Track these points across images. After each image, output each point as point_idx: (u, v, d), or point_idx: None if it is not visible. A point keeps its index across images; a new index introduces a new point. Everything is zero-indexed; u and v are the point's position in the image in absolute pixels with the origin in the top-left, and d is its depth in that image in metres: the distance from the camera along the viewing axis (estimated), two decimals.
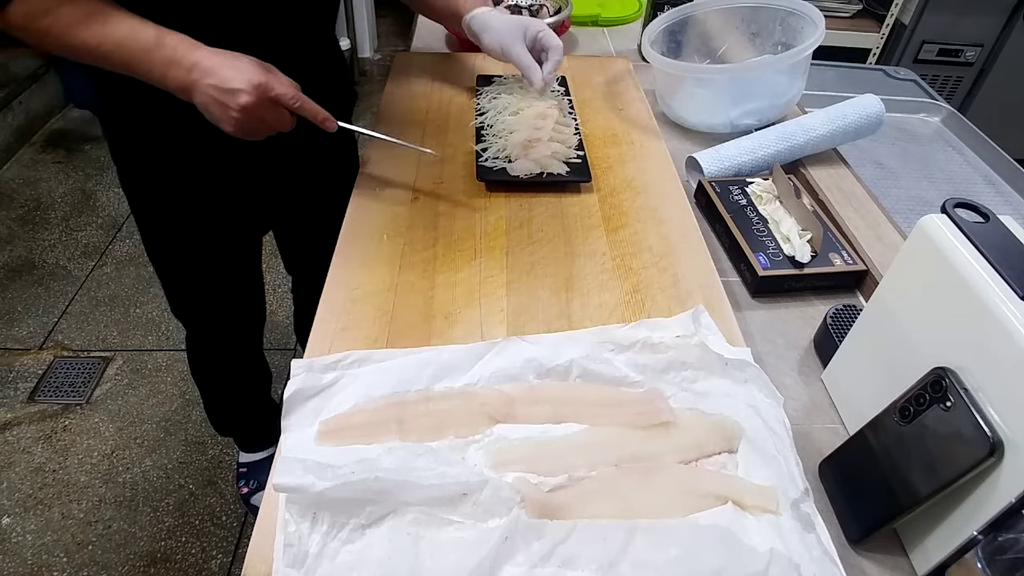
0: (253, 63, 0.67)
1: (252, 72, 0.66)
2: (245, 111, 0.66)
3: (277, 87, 0.68)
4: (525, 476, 0.52)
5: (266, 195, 0.96)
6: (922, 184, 1.10)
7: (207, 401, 1.30)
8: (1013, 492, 0.42)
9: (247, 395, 1.30)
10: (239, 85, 0.65)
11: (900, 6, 2.02)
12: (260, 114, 0.68)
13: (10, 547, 1.33)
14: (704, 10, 1.06)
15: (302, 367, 0.58)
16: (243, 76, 0.65)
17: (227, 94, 0.65)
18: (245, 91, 0.65)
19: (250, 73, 0.66)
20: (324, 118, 0.73)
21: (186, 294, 1.03)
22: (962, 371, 0.46)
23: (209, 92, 0.65)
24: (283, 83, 0.69)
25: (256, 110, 0.67)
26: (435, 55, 1.13)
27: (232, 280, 1.03)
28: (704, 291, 0.70)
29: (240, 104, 0.66)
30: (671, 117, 1.04)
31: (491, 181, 0.83)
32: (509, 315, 0.66)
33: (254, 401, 1.32)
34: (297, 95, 0.70)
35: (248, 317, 1.13)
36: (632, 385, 0.59)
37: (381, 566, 0.46)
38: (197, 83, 0.65)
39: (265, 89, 0.67)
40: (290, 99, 0.69)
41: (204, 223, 0.91)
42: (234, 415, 1.34)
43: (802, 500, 0.50)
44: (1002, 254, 0.46)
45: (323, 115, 0.73)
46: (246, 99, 0.65)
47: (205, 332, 1.12)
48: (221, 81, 0.65)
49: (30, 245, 2.04)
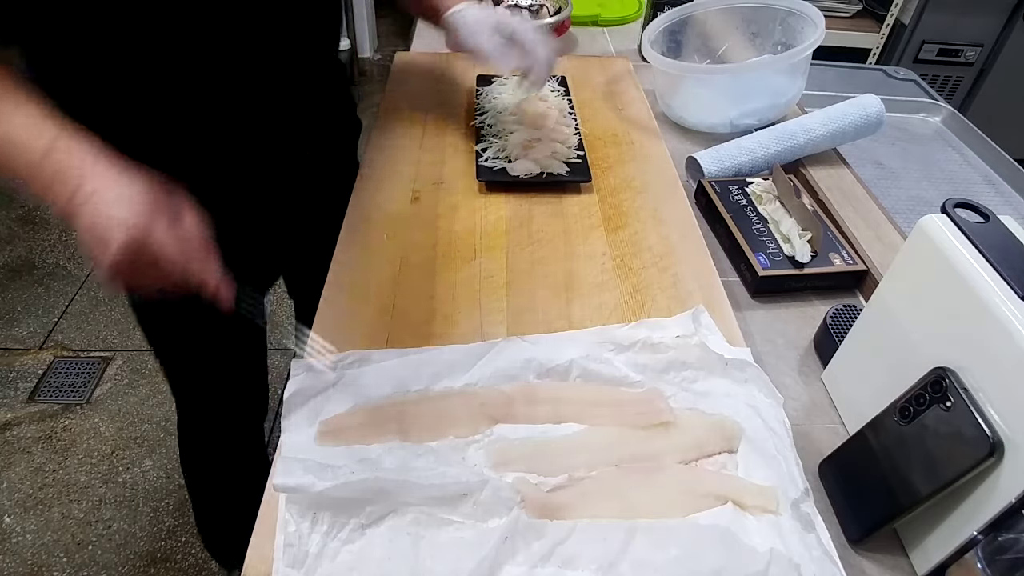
0: (144, 201, 0.51)
1: (134, 213, 0.51)
2: (113, 268, 0.51)
3: (159, 244, 0.51)
4: (525, 476, 0.52)
5: (271, 249, 0.85)
6: (922, 184, 1.10)
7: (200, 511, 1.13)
8: (1013, 492, 0.42)
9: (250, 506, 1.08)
10: (113, 233, 0.50)
11: (900, 6, 2.02)
12: (133, 272, 0.52)
13: (10, 547, 1.33)
14: (704, 10, 1.06)
15: (302, 367, 0.58)
16: (121, 218, 0.50)
17: (99, 242, 0.51)
18: (115, 245, 0.50)
19: (133, 216, 0.50)
20: (216, 294, 0.55)
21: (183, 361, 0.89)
22: (962, 371, 0.46)
23: (83, 229, 0.51)
24: (174, 236, 0.52)
25: (125, 267, 0.51)
26: (435, 55, 1.12)
27: (235, 341, 0.88)
28: (704, 291, 0.70)
29: (107, 260, 0.51)
30: (671, 117, 1.04)
31: (491, 181, 0.83)
32: (509, 315, 0.66)
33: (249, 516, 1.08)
34: (185, 256, 0.53)
35: (251, 392, 0.99)
36: (632, 385, 0.59)
37: (381, 566, 0.46)
38: (73, 215, 0.51)
39: (142, 246, 0.51)
40: (174, 261, 0.52)
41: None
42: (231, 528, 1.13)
43: (802, 500, 0.50)
44: (1002, 254, 0.46)
45: (215, 288, 0.55)
46: (114, 256, 0.50)
47: (202, 410, 0.97)
48: (95, 218, 0.50)
49: (30, 245, 2.04)
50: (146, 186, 0.53)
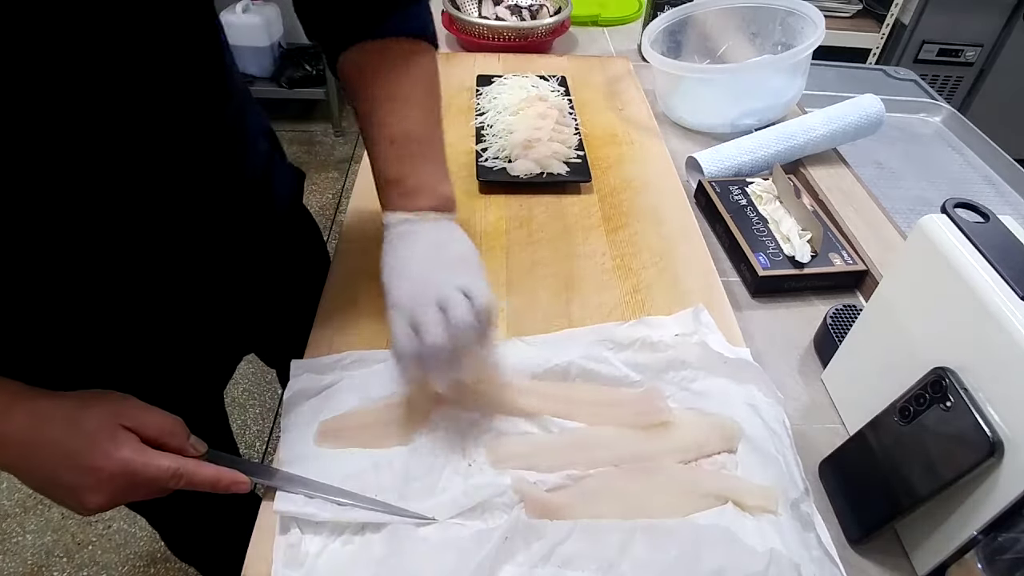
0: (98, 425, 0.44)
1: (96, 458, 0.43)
2: (102, 507, 0.45)
3: (145, 467, 0.44)
4: (524, 474, 0.52)
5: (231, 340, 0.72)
6: (922, 184, 1.10)
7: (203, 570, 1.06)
8: (1013, 492, 0.42)
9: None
10: (78, 481, 0.43)
11: (900, 6, 2.02)
12: (124, 499, 0.46)
13: (10, 547, 1.33)
14: (704, 10, 1.06)
15: (302, 367, 0.58)
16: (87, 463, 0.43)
17: (69, 494, 0.44)
18: (90, 487, 0.44)
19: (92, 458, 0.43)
20: (229, 483, 0.48)
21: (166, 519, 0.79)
22: (962, 371, 0.46)
23: (34, 486, 0.45)
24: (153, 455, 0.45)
25: (117, 499, 0.45)
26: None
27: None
28: (704, 291, 0.70)
29: (91, 505, 0.44)
30: (671, 117, 1.04)
31: (491, 181, 0.83)
32: (509, 315, 0.66)
33: None
34: (180, 471, 0.46)
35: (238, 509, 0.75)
36: (631, 385, 0.59)
37: (381, 567, 0.46)
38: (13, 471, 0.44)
39: (128, 476, 0.44)
40: (171, 475, 0.46)
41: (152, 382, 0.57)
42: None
43: (802, 500, 0.50)
44: (1002, 254, 0.46)
45: (227, 480, 0.48)
46: (98, 499, 0.44)
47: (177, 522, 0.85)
48: (48, 474, 0.44)
49: None
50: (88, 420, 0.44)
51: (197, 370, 0.67)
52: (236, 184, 0.59)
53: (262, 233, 0.65)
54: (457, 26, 1.17)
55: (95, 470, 0.43)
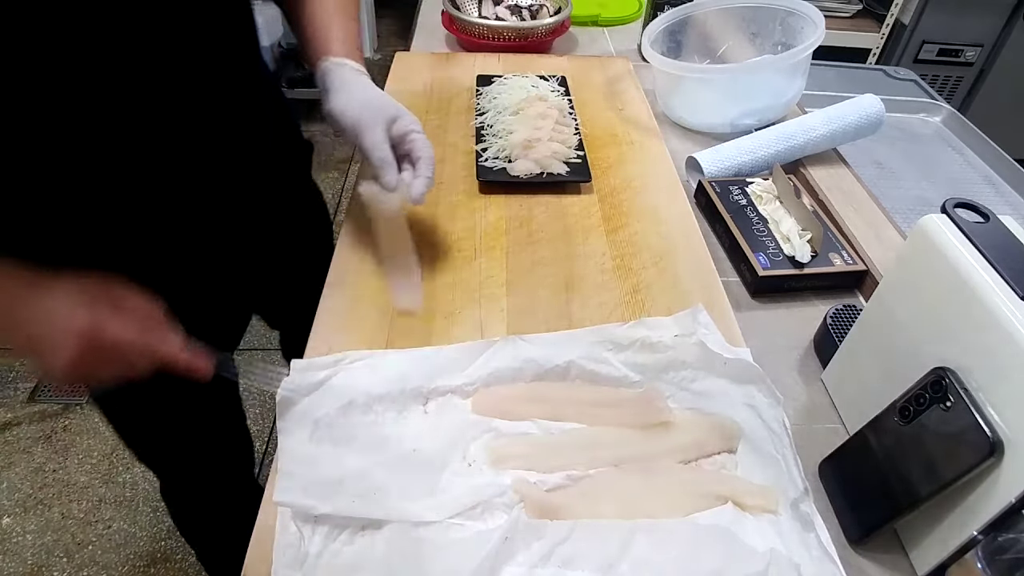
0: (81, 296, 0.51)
1: (74, 314, 0.50)
2: (72, 366, 0.50)
3: (112, 329, 0.50)
4: (524, 474, 0.52)
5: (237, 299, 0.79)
6: (922, 184, 1.10)
7: (207, 561, 1.10)
8: (1013, 492, 0.42)
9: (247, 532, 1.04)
10: (57, 338, 0.49)
11: (900, 6, 2.02)
12: (93, 365, 0.51)
13: (10, 547, 1.33)
14: (704, 10, 1.06)
15: (301, 367, 0.58)
16: (61, 323, 0.50)
17: (44, 352, 0.50)
18: (63, 345, 0.49)
19: (70, 317, 0.50)
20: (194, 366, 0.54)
21: (150, 430, 0.79)
22: (962, 371, 0.46)
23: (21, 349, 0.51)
24: (127, 320, 0.51)
25: (85, 362, 0.51)
26: (435, 55, 1.12)
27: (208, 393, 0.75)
28: (704, 291, 0.70)
29: (61, 361, 0.50)
30: (671, 117, 1.04)
31: (491, 181, 0.83)
32: (509, 315, 0.66)
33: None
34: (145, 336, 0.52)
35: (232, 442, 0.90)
36: (631, 385, 0.59)
37: (381, 567, 0.46)
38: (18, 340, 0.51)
39: (94, 333, 0.50)
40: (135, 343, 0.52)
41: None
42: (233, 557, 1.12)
43: (802, 500, 0.50)
44: (1002, 254, 0.46)
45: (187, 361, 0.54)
46: (67, 353, 0.50)
47: (183, 476, 0.89)
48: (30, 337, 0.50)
49: None
50: (72, 287, 0.51)
51: (213, 318, 0.73)
52: (260, 134, 0.70)
53: (277, 185, 0.74)
54: (457, 26, 1.17)
55: (66, 329, 0.49)
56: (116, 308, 0.52)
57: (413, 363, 0.59)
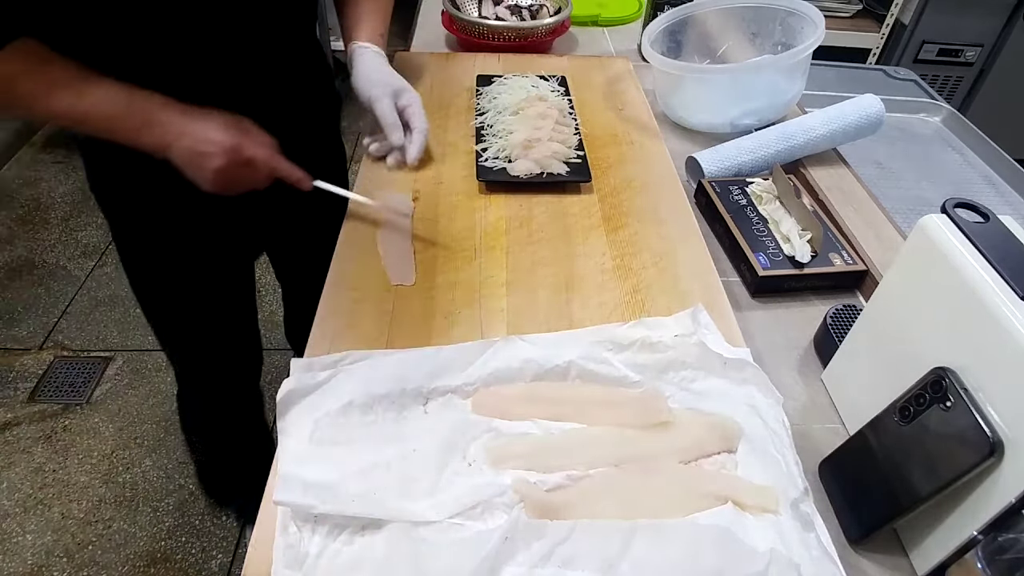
0: (227, 123, 0.67)
1: (224, 134, 0.66)
2: (218, 173, 0.67)
3: (250, 149, 0.68)
4: (524, 474, 0.52)
5: (254, 220, 0.91)
6: (922, 184, 1.10)
7: (203, 466, 1.20)
8: (1013, 492, 0.42)
9: (250, 453, 1.19)
10: (211, 148, 0.65)
11: (900, 6, 2.02)
12: (234, 175, 0.68)
13: (10, 547, 1.33)
14: (704, 10, 1.06)
15: (301, 367, 0.58)
16: (215, 138, 0.66)
17: (200, 156, 0.66)
18: (217, 154, 0.66)
19: (222, 135, 0.66)
20: (299, 178, 0.72)
21: (175, 328, 0.97)
22: (962, 371, 0.46)
23: (183, 154, 0.66)
24: (257, 143, 0.69)
25: (229, 171, 0.67)
26: (435, 55, 1.12)
27: (224, 312, 0.97)
28: (704, 291, 0.70)
29: (213, 167, 0.66)
30: (671, 117, 1.04)
31: (491, 181, 0.83)
32: (509, 315, 0.66)
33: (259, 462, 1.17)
34: (271, 156, 0.70)
35: (243, 353, 1.06)
36: (631, 385, 0.59)
37: (381, 567, 0.46)
38: (171, 145, 0.66)
39: (237, 150, 0.67)
40: (263, 161, 0.69)
41: (190, 250, 0.87)
42: (235, 479, 1.23)
43: (801, 500, 0.50)
44: (1002, 254, 0.46)
45: (298, 175, 0.72)
46: (218, 162, 0.66)
47: (197, 372, 1.05)
48: (193, 143, 0.65)
49: (30, 245, 2.04)
50: (221, 116, 0.67)
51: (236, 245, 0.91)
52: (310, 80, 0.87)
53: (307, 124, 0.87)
54: (457, 26, 1.17)
55: (223, 138, 0.66)
56: (250, 134, 0.69)
57: (413, 363, 0.59)
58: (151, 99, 0.66)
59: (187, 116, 0.66)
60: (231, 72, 0.72)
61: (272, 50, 0.76)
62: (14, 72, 0.61)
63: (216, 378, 1.07)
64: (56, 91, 0.63)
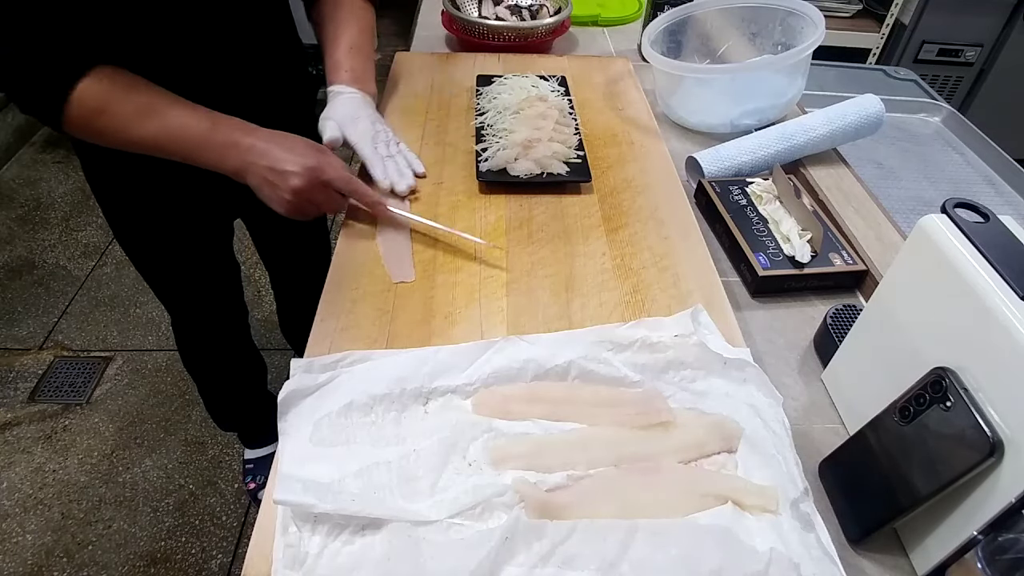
0: (307, 146, 0.70)
1: (305, 155, 0.68)
2: (296, 193, 0.68)
3: (329, 171, 0.70)
4: (524, 474, 0.52)
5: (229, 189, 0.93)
6: (922, 184, 1.10)
7: (204, 395, 1.29)
8: (1013, 492, 0.42)
9: (241, 386, 1.29)
10: (291, 167, 0.67)
11: (900, 6, 2.02)
12: (310, 196, 0.70)
13: (10, 547, 1.33)
14: (704, 10, 1.06)
15: (301, 367, 0.58)
16: (296, 159, 0.68)
17: (279, 175, 0.68)
18: (297, 173, 0.67)
19: (303, 156, 0.68)
20: (374, 202, 0.73)
21: (163, 279, 1.03)
22: (962, 371, 0.46)
23: (262, 173, 0.68)
24: (335, 166, 0.71)
25: (307, 192, 0.69)
26: (435, 55, 1.12)
27: (206, 263, 1.03)
28: (704, 291, 0.70)
29: (291, 186, 0.68)
30: (671, 117, 1.04)
31: (491, 181, 0.83)
32: (509, 315, 0.66)
33: (250, 393, 1.32)
34: (349, 180, 0.71)
35: (227, 301, 1.13)
36: (631, 385, 0.59)
37: (381, 567, 0.46)
38: (252, 165, 0.68)
39: (317, 172, 0.68)
40: (342, 183, 0.71)
41: (170, 208, 0.90)
42: (232, 408, 1.33)
43: (801, 500, 0.50)
44: (1002, 254, 0.46)
45: (373, 198, 0.73)
46: (297, 182, 0.68)
47: (188, 316, 1.12)
48: (274, 163, 0.67)
49: (30, 245, 2.04)
50: (300, 138, 0.70)
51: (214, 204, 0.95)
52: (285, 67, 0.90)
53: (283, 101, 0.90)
54: (457, 26, 1.17)
55: (302, 159, 0.68)
56: (329, 156, 0.71)
57: (413, 363, 0.59)
58: (233, 121, 0.68)
59: (270, 138, 0.68)
60: (205, 56, 0.74)
61: (246, 32, 0.78)
62: (106, 100, 0.63)
63: (205, 320, 1.13)
64: (139, 119, 0.64)
